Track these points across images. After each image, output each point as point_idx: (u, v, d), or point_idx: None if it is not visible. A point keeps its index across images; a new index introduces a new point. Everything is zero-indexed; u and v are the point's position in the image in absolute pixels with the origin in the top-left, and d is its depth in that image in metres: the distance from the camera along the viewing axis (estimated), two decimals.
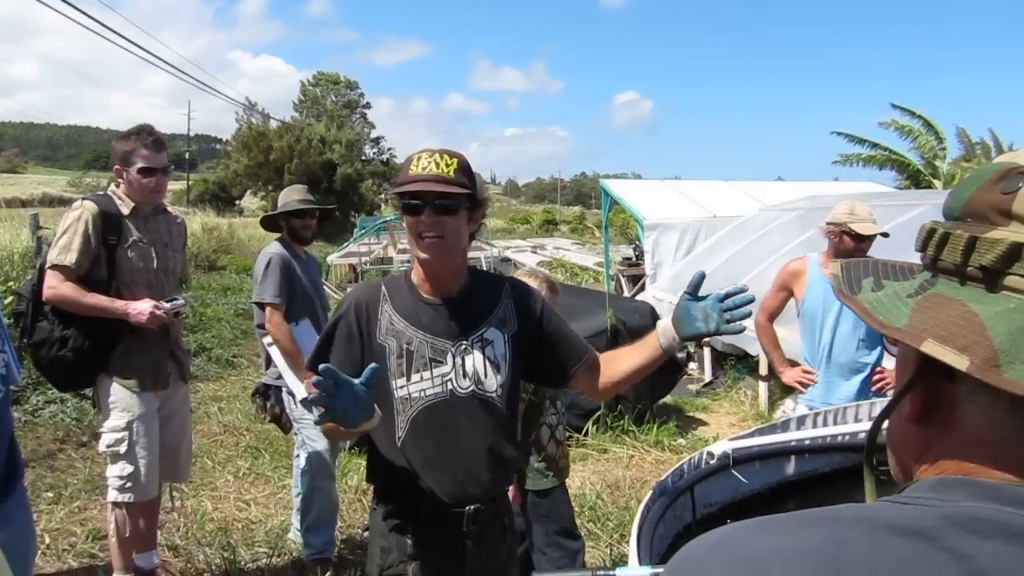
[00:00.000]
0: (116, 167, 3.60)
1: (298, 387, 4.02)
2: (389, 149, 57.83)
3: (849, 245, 3.80)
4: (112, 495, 3.57)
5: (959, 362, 0.59)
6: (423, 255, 2.10)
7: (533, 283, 2.97)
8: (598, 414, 6.47)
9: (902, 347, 0.70)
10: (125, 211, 3.56)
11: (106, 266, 3.48)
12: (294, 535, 4.38)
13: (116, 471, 3.53)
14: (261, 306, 4.11)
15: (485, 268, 17.27)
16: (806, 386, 3.97)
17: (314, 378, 1.79)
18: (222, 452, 6.20)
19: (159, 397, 3.68)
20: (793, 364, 4.17)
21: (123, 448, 3.52)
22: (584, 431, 6.41)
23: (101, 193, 3.68)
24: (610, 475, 5.61)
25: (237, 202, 51.82)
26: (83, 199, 3.62)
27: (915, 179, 21.95)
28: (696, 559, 0.67)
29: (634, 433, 6.50)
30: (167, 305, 3.57)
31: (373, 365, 1.90)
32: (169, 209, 3.91)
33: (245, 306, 13.27)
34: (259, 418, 5.06)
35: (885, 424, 0.76)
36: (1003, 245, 0.61)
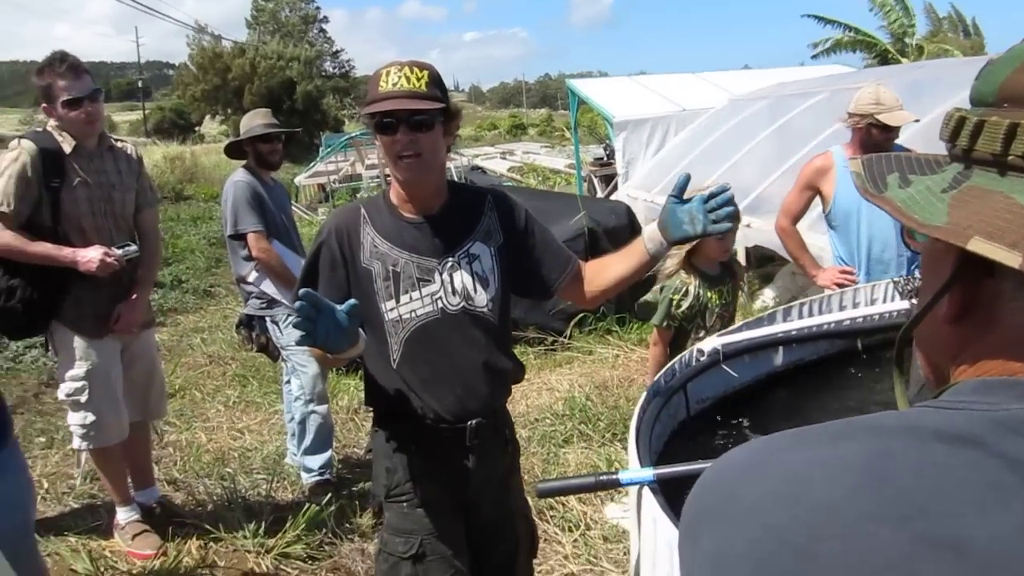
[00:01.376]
0: (43, 105, 3.36)
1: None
2: (348, 62, 56.39)
3: (878, 137, 3.53)
4: (76, 442, 3.55)
5: (1012, 259, 0.56)
6: (402, 176, 2.05)
7: None
8: (580, 316, 6.51)
9: (931, 244, 0.66)
10: (67, 149, 3.31)
11: (50, 211, 3.27)
12: (291, 460, 4.42)
13: (77, 419, 3.47)
14: (237, 237, 4.01)
15: (456, 179, 17.13)
16: (845, 287, 3.66)
17: (296, 303, 1.77)
18: (210, 383, 6.19)
19: (121, 340, 3.57)
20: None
21: (83, 397, 3.43)
22: (567, 334, 6.47)
23: (40, 130, 3.41)
24: (597, 376, 5.67)
25: (197, 128, 50.56)
26: (20, 138, 3.35)
27: (883, 58, 21.76)
28: (729, 479, 0.63)
29: (617, 333, 6.56)
30: (118, 252, 3.38)
31: (352, 301, 1.88)
32: (119, 143, 3.64)
33: (218, 234, 13.09)
34: (245, 348, 5.04)
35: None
36: None
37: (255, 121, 4.23)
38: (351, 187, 17.82)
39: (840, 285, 3.58)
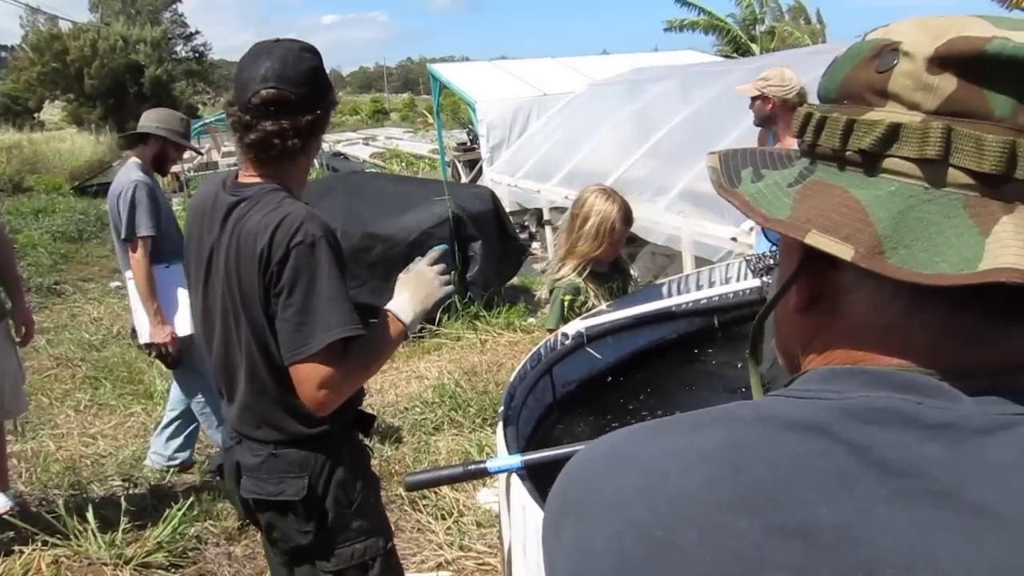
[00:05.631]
0: None
1: (144, 328, 3.81)
2: (203, 45, 53.98)
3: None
4: None
5: (844, 252, 0.58)
6: None
7: (608, 205, 2.79)
8: (448, 302, 6.49)
9: (783, 237, 0.67)
10: None
11: None
12: (152, 459, 4.24)
13: None
14: (127, 240, 3.76)
15: (316, 164, 16.73)
16: None
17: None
18: (58, 387, 5.82)
19: None
20: None
21: None
22: (436, 320, 6.45)
23: None
24: (466, 362, 5.68)
25: (36, 115, 47.28)
26: None
27: (735, 44, 22.68)
28: (590, 473, 0.63)
29: (485, 318, 6.58)
30: None
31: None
32: None
33: (62, 228, 12.32)
34: (145, 354, 4.65)
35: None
36: (881, 127, 0.59)
37: (174, 124, 3.98)
38: (206, 176, 17.12)
39: None
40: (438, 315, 6.44)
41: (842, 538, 0.52)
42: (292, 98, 1.85)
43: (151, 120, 3.99)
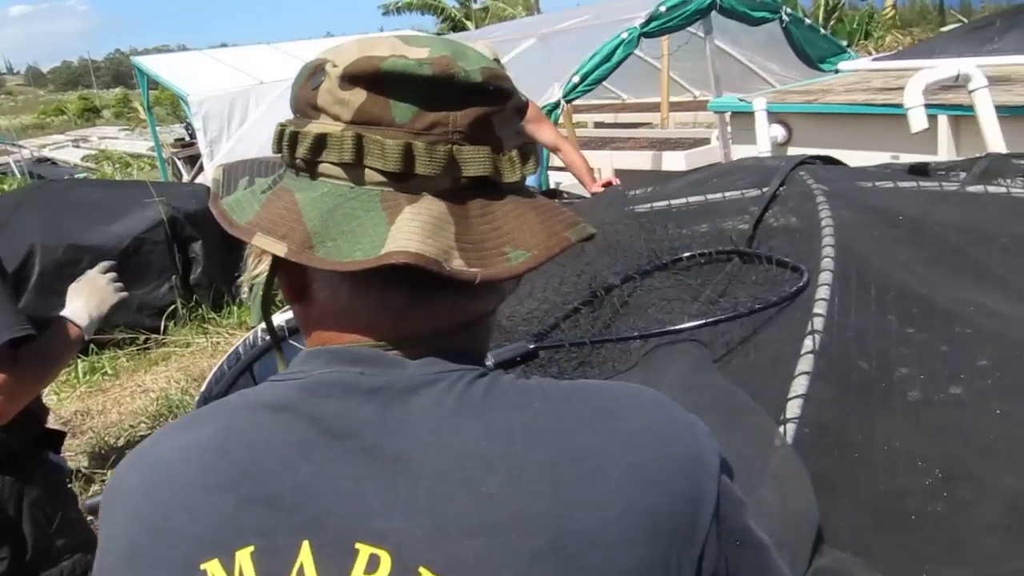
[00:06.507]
0: None
1: None
2: None
3: None
4: None
5: (279, 248, 0.65)
6: None
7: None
8: (172, 308, 6.18)
9: None
10: None
11: None
12: None
13: None
14: None
15: (17, 173, 15.13)
16: None
17: None
18: None
19: None
20: None
21: None
22: (162, 329, 6.12)
23: None
24: (195, 368, 5.45)
25: None
26: None
27: (453, 22, 23.15)
28: (118, 472, 0.70)
29: (215, 320, 6.34)
30: None
31: None
32: None
33: None
34: None
35: None
36: (310, 137, 0.67)
37: None
38: None
39: None
40: (163, 323, 6.12)
41: (298, 499, 0.60)
42: None
43: None
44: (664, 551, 0.61)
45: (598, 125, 9.94)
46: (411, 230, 0.63)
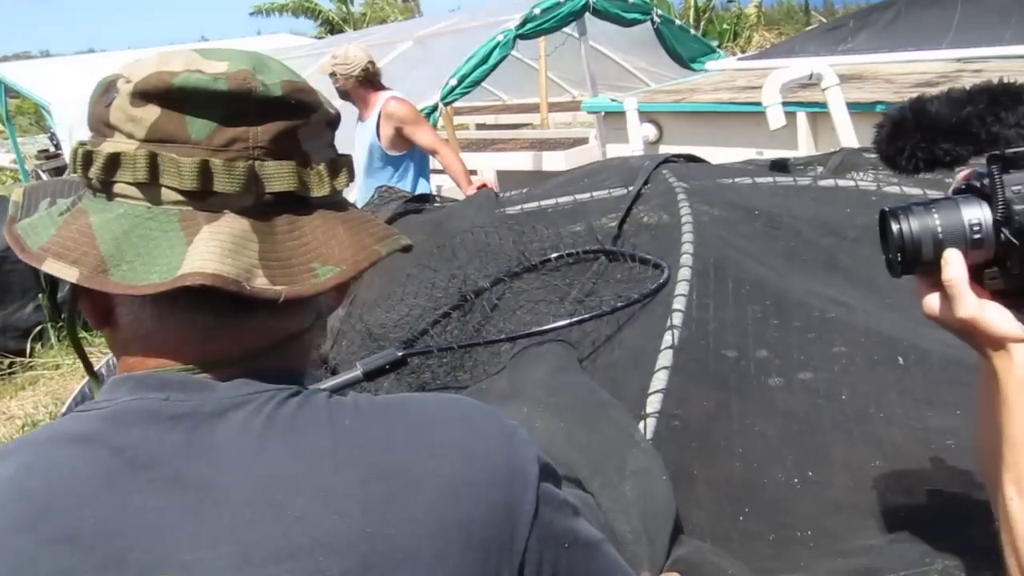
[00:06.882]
0: None
1: None
2: None
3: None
4: None
5: (70, 274, 0.62)
6: None
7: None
8: (39, 329, 5.85)
9: None
10: None
11: None
12: None
13: None
14: None
15: None
16: None
17: None
18: None
19: None
20: None
21: None
22: (29, 351, 5.78)
23: None
24: (66, 391, 5.18)
25: None
26: None
27: (331, 26, 22.75)
28: None
29: (87, 339, 6.02)
30: None
31: None
32: None
33: None
34: None
35: None
36: (102, 156, 0.64)
37: None
38: None
39: None
40: (29, 345, 5.79)
41: (101, 535, 0.57)
42: None
43: None
44: (481, 562, 0.62)
45: (480, 127, 9.96)
46: (208, 250, 0.61)
